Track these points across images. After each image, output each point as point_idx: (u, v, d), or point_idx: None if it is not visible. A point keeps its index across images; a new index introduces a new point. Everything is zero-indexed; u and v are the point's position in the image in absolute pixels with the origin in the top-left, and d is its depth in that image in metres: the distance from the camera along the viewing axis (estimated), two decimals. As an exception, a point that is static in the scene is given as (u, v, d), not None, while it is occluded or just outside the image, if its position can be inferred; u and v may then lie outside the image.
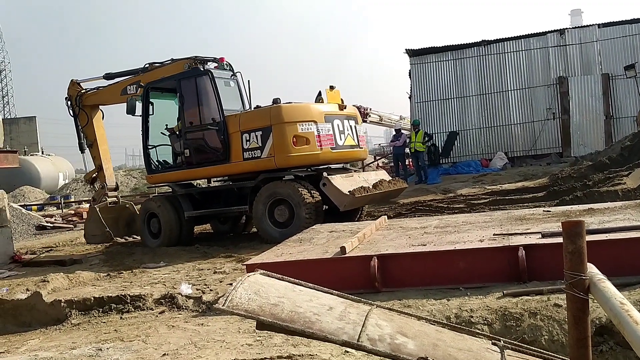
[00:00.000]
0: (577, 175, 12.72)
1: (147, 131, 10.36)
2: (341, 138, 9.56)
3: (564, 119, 20.91)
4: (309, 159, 9.19)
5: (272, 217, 9.13)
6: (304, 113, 9.20)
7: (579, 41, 20.95)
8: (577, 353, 2.28)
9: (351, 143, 9.84)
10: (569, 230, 2.27)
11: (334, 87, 10.20)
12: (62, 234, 14.12)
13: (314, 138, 9.06)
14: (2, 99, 69.92)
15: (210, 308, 5.47)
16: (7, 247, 9.49)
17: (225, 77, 10.00)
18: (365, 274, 5.19)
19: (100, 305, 5.91)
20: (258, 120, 9.19)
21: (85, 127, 11.31)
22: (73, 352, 4.50)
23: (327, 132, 9.27)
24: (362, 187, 9.05)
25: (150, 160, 10.50)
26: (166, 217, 9.95)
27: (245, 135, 9.19)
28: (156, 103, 10.49)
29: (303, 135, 9.00)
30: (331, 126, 9.37)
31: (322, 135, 9.16)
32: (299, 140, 8.97)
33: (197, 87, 9.62)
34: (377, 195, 9.62)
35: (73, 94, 11.38)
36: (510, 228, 5.85)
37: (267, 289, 3.31)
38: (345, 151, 9.73)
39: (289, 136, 8.91)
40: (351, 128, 9.88)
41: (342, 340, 2.94)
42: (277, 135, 8.91)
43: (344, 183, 9.01)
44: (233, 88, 10.18)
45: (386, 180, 10.09)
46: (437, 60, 22.50)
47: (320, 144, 9.13)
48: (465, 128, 22.12)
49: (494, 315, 4.41)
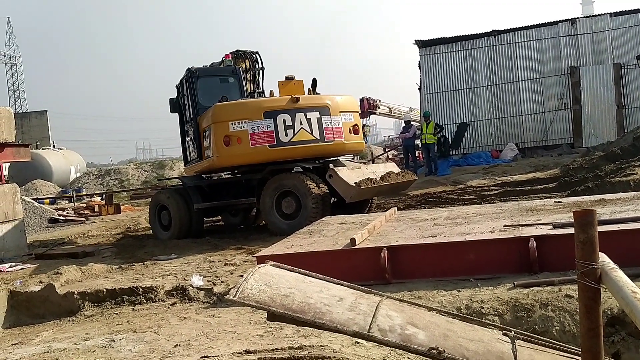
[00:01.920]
0: (589, 166, 12.63)
1: (183, 124, 10.66)
2: (287, 134, 9.04)
3: (575, 109, 20.73)
4: (240, 159, 9.08)
5: (280, 209, 9.09)
6: (238, 111, 9.00)
7: (590, 30, 20.72)
8: (589, 343, 2.27)
9: (307, 138, 9.17)
10: (581, 219, 2.26)
11: (293, 78, 9.63)
12: (75, 226, 14.23)
13: (247, 136, 8.84)
14: (13, 94, 70.45)
15: (221, 299, 5.51)
16: (20, 240, 9.58)
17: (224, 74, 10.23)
18: (375, 266, 5.20)
19: (113, 297, 5.97)
20: (205, 120, 9.41)
21: None
22: (86, 344, 4.55)
23: (267, 129, 8.92)
24: (369, 179, 8.93)
25: (186, 153, 10.82)
26: (176, 210, 9.97)
27: (203, 134, 9.53)
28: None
29: (234, 134, 8.82)
30: (273, 122, 8.96)
31: (256, 133, 8.87)
32: (231, 140, 8.84)
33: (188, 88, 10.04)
34: (384, 187, 9.51)
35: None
36: (521, 219, 5.83)
37: (277, 280, 3.33)
38: (296, 147, 9.12)
39: (220, 136, 8.87)
40: (309, 121, 9.18)
41: (352, 331, 2.95)
42: (213, 135, 9.01)
43: (350, 175, 8.90)
44: (232, 84, 10.17)
45: (395, 172, 9.98)
46: (447, 51, 22.35)
47: (254, 142, 8.86)
48: (475, 119, 21.98)
49: (505, 306, 4.41)
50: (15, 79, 70.97)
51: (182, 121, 10.75)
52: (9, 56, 70.49)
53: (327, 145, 9.41)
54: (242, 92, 10.24)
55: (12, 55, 71.21)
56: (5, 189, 9.31)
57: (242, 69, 10.39)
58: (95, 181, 30.58)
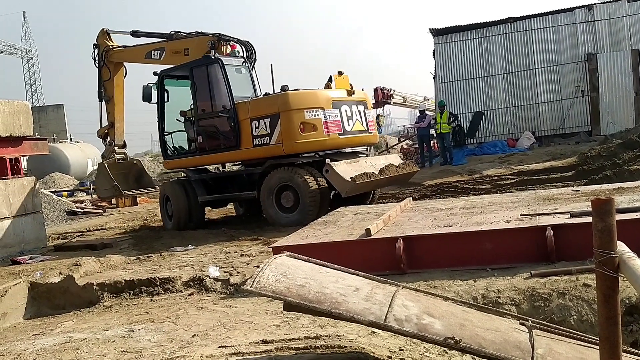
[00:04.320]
0: (607, 154, 12.49)
1: (162, 118, 10.62)
2: (349, 124, 9.60)
3: (592, 97, 20.43)
4: (316, 145, 9.27)
5: (279, 202, 9.27)
6: (311, 100, 9.24)
7: (607, 17, 20.37)
8: (607, 331, 2.26)
9: (360, 128, 9.87)
10: (599, 207, 2.25)
11: (343, 73, 10.19)
12: (92, 218, 14.39)
13: (321, 124, 9.13)
14: (30, 88, 71.22)
15: (238, 290, 5.55)
16: (40, 233, 9.71)
17: (236, 65, 10.12)
18: (390, 256, 5.20)
19: (131, 288, 6.04)
20: (266, 108, 9.31)
21: (106, 82, 11.60)
22: (106, 334, 4.62)
23: (335, 118, 9.33)
24: (365, 173, 9.04)
25: (166, 147, 10.81)
26: (176, 201, 10.25)
27: (254, 122, 9.34)
28: (171, 90, 10.68)
29: (310, 121, 9.07)
30: (339, 112, 9.43)
31: (329, 122, 9.22)
32: (306, 127, 9.05)
33: (209, 75, 9.78)
34: (382, 181, 9.63)
35: (102, 45, 11.56)
36: (538, 208, 5.79)
37: (293, 270, 3.35)
38: (354, 136, 9.78)
39: (296, 123, 9.01)
40: (360, 113, 9.91)
41: (368, 321, 2.97)
42: (284, 122, 9.03)
43: (347, 169, 9.01)
44: (244, 75, 10.27)
45: (394, 165, 10.06)
46: (462, 39, 22.12)
47: (327, 130, 9.19)
48: (491, 108, 21.78)
49: (522, 296, 4.39)
50: (32, 73, 71.73)
51: (162, 112, 10.61)
52: (25, 50, 71.18)
53: (370, 136, 10.24)
54: (254, 82, 10.34)
55: (29, 50, 71.89)
56: (24, 182, 9.43)
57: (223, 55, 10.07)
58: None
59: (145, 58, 10.98)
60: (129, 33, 11.37)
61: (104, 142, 12.06)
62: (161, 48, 10.74)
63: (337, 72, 10.16)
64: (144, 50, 11.07)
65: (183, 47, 10.40)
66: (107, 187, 11.28)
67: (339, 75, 10.11)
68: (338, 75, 10.10)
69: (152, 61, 10.82)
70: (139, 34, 11.29)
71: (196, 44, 10.25)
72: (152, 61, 10.83)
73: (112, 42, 11.63)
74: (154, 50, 10.84)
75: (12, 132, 9.20)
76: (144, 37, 11.28)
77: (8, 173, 9.24)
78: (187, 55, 10.29)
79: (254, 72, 10.44)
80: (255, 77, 10.41)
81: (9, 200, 9.00)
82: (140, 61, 11.22)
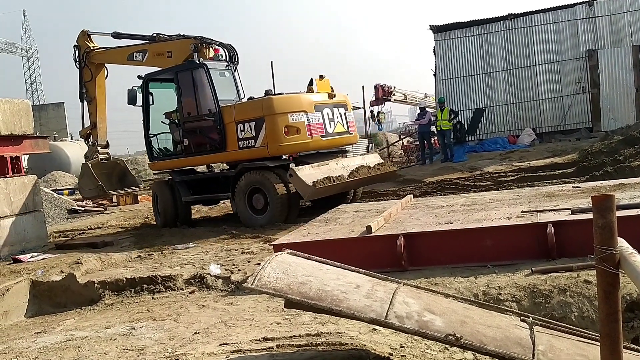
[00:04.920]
0: (608, 150, 12.48)
1: (147, 120, 10.88)
2: (331, 126, 9.93)
3: (593, 93, 20.40)
4: (300, 147, 9.56)
5: (251, 204, 9.58)
6: (294, 104, 9.54)
7: (608, 12, 20.32)
8: (608, 328, 2.26)
9: (341, 130, 10.21)
10: (599, 204, 2.25)
11: (324, 77, 10.45)
12: (93, 217, 14.40)
13: (304, 127, 9.43)
14: (30, 86, 71.17)
15: (239, 287, 5.55)
16: (41, 231, 9.71)
17: (220, 68, 10.35)
18: (391, 253, 5.21)
19: (132, 286, 6.05)
20: (251, 111, 9.57)
21: (87, 83, 11.73)
22: (108, 332, 4.63)
23: (317, 121, 9.63)
24: (328, 178, 9.13)
25: (152, 149, 11.05)
26: (163, 200, 10.69)
27: (240, 125, 9.59)
28: (156, 93, 10.92)
29: (294, 125, 9.36)
30: (321, 115, 9.74)
31: (312, 124, 9.52)
32: (290, 130, 9.33)
33: (194, 80, 10.02)
34: (352, 183, 9.81)
35: (82, 46, 11.66)
36: (539, 205, 5.79)
37: (294, 268, 3.35)
38: (336, 138, 10.14)
39: (281, 126, 9.28)
40: (340, 115, 10.24)
41: (369, 318, 2.97)
42: (269, 126, 9.28)
43: (312, 173, 9.14)
44: (228, 78, 10.50)
45: (367, 167, 10.22)
46: (462, 35, 22.07)
47: (310, 133, 9.50)
48: (491, 104, 21.74)
49: (523, 293, 4.40)
50: (32, 72, 71.70)
51: (147, 114, 10.84)
52: (25, 49, 71.13)
53: (351, 137, 10.61)
54: (237, 84, 10.59)
55: (29, 48, 71.84)
56: (24, 181, 9.43)
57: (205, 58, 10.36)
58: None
59: (127, 60, 11.11)
60: (110, 35, 11.49)
61: (87, 143, 12.32)
62: (143, 50, 10.88)
63: (319, 76, 10.45)
64: (126, 52, 11.19)
65: (166, 49, 10.57)
66: (92, 187, 11.50)
67: (320, 79, 10.37)
68: (319, 79, 10.37)
69: (134, 63, 10.98)
70: (120, 35, 11.42)
71: (179, 47, 10.41)
72: (134, 63, 10.99)
73: (93, 43, 11.73)
74: (136, 52, 10.96)
75: (12, 130, 9.19)
76: (125, 38, 11.42)
77: (9, 171, 9.24)
78: (170, 57, 10.47)
79: (237, 74, 10.70)
80: (239, 80, 10.66)
81: (10, 198, 9.01)
82: (122, 62, 11.35)
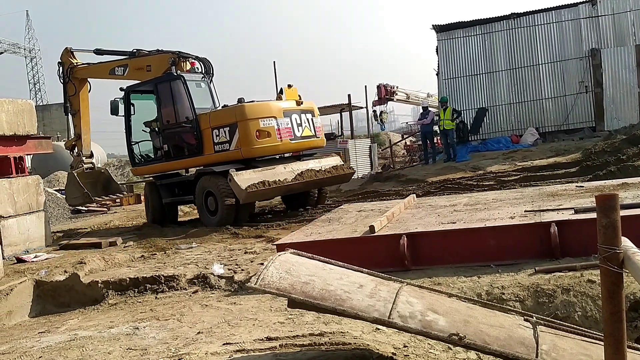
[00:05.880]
0: (611, 150, 12.45)
1: (129, 129, 11.65)
2: (299, 130, 10.64)
3: (596, 92, 20.34)
4: (270, 149, 10.32)
5: (207, 205, 10.28)
6: (264, 110, 10.24)
7: (611, 11, 20.26)
8: (612, 327, 2.26)
9: (309, 134, 10.92)
10: (603, 203, 2.24)
11: (292, 86, 11.17)
12: (97, 217, 14.43)
13: (274, 131, 10.13)
14: (34, 86, 71.31)
15: (242, 287, 5.56)
16: (44, 231, 9.73)
17: (196, 80, 11.06)
18: (394, 253, 5.20)
19: (136, 286, 6.06)
20: (225, 118, 10.24)
21: (72, 97, 12.36)
22: (111, 331, 4.64)
23: (286, 126, 10.35)
24: (263, 182, 9.72)
25: (133, 155, 11.84)
26: (151, 200, 11.51)
27: (215, 131, 10.30)
28: (137, 103, 11.66)
29: (265, 129, 10.05)
30: (290, 120, 10.45)
31: (281, 129, 10.23)
32: (261, 134, 10.01)
33: (172, 90, 10.74)
34: (295, 186, 10.27)
35: (66, 62, 12.33)
36: (542, 204, 5.78)
37: (297, 267, 3.35)
38: (304, 141, 10.86)
39: (253, 130, 9.95)
40: (308, 121, 10.93)
41: (373, 317, 2.97)
42: (242, 130, 9.95)
43: (249, 178, 9.72)
44: (204, 89, 11.21)
45: (314, 170, 10.67)
46: (465, 35, 22.04)
47: (280, 136, 10.22)
48: (494, 104, 21.70)
49: (526, 292, 4.39)
50: (36, 72, 71.82)
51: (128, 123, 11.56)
52: (28, 49, 71.27)
53: (318, 140, 11.34)
54: (212, 94, 11.28)
55: (32, 49, 71.98)
56: (28, 181, 9.46)
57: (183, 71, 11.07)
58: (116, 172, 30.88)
59: (109, 74, 11.86)
60: (93, 51, 12.19)
61: (72, 153, 12.94)
62: (124, 65, 11.62)
63: (287, 85, 11.21)
64: (107, 67, 11.93)
65: (145, 63, 11.33)
66: (78, 195, 12.05)
67: (288, 88, 11.10)
68: (288, 88, 11.10)
69: (116, 77, 11.74)
70: (102, 51, 12.13)
71: (157, 61, 11.17)
72: (115, 77, 11.75)
73: (76, 59, 12.40)
74: (117, 67, 11.73)
75: (16, 131, 9.21)
76: (106, 54, 12.14)
77: (12, 172, 9.27)
78: (149, 71, 11.23)
79: (213, 85, 11.42)
80: (214, 90, 11.36)
81: (14, 198, 9.03)
82: (105, 77, 12.11)
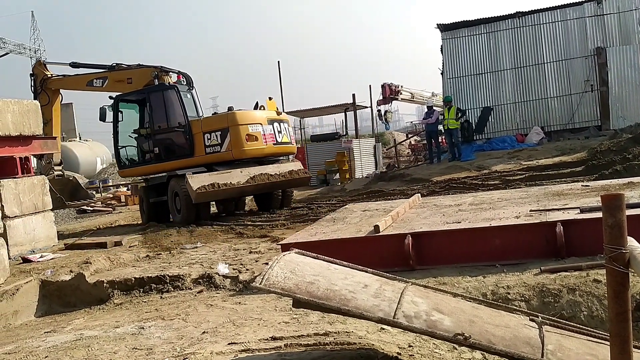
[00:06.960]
0: (617, 149, 12.40)
1: (117, 135, 12.50)
2: (279, 136, 12.01)
3: (602, 91, 20.27)
4: (257, 152, 11.52)
5: (175, 205, 11.35)
6: (252, 117, 11.57)
7: (617, 10, 20.18)
8: (617, 328, 2.25)
9: (286, 140, 12.35)
10: (609, 203, 2.23)
11: (272, 98, 12.70)
12: (102, 217, 14.49)
13: (261, 136, 11.46)
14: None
15: (247, 287, 5.56)
16: (50, 231, 9.76)
17: (183, 91, 12.06)
18: (399, 252, 5.20)
19: (141, 286, 6.07)
20: (217, 123, 11.51)
21: (44, 107, 12.38)
22: (117, 331, 4.65)
23: (270, 132, 11.71)
24: (213, 184, 10.74)
25: (120, 158, 12.70)
26: (143, 200, 12.45)
27: (207, 135, 11.43)
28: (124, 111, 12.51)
29: (253, 134, 11.34)
30: (272, 127, 11.81)
31: (266, 134, 11.59)
32: (250, 138, 11.28)
33: (165, 99, 11.75)
34: (247, 188, 11.29)
35: (39, 74, 12.87)
36: (548, 204, 5.76)
37: (302, 267, 3.35)
38: (283, 146, 12.25)
39: (243, 134, 11.20)
40: (285, 129, 12.40)
41: (378, 317, 2.96)
42: (233, 134, 11.17)
43: (202, 180, 10.75)
44: (189, 99, 12.23)
45: (268, 174, 11.55)
46: (470, 34, 21.99)
47: (265, 140, 11.56)
48: (499, 103, 21.64)
49: (532, 292, 4.38)
50: (41, 73, 71.92)
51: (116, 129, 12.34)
52: (33, 50, 71.49)
53: (292, 147, 12.86)
54: (196, 104, 12.34)
55: (37, 49, 72.11)
56: (34, 181, 9.48)
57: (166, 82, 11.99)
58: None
59: (87, 85, 12.59)
60: (69, 64, 12.81)
61: (41, 162, 13.18)
62: (104, 77, 12.37)
63: (268, 98, 12.61)
64: (85, 79, 12.66)
65: (126, 76, 12.17)
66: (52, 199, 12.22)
67: (269, 100, 12.56)
68: (269, 100, 12.56)
69: (94, 88, 12.52)
70: (78, 65, 12.76)
71: (139, 74, 12.06)
72: (93, 88, 12.52)
73: (49, 71, 12.98)
74: (96, 79, 12.47)
75: (21, 131, 9.23)
76: (83, 67, 12.78)
77: (18, 172, 9.28)
78: (130, 83, 12.11)
79: (197, 95, 12.54)
80: (198, 100, 12.48)
81: (20, 199, 9.05)
82: (81, 89, 12.89)
